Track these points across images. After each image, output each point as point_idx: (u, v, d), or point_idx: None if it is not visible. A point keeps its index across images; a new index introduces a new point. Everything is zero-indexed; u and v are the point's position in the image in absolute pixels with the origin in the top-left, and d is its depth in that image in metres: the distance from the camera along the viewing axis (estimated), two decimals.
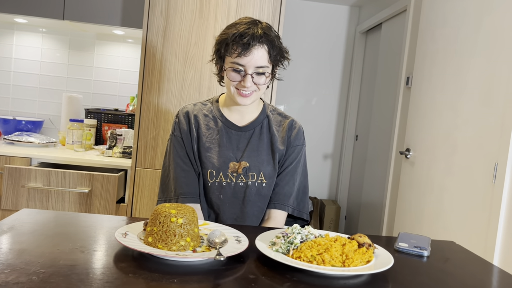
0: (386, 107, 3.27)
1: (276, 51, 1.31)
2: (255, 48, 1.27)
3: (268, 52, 1.29)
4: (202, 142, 1.40)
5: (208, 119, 1.43)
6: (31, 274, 0.77)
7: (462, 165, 2.00)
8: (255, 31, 1.27)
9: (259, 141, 1.42)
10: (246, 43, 1.25)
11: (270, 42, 1.29)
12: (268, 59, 1.30)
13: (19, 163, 2.29)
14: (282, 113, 1.50)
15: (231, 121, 1.42)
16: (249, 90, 1.31)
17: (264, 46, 1.28)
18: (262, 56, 1.28)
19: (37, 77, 2.98)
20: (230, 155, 1.39)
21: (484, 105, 1.88)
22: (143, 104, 2.20)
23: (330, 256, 0.91)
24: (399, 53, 3.05)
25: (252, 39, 1.26)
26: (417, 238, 1.20)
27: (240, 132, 1.42)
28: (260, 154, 1.40)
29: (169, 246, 0.94)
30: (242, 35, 1.26)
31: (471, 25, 2.02)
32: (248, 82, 1.29)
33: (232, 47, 1.28)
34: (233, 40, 1.27)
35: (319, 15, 4.08)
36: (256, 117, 1.44)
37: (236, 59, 1.28)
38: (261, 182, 1.39)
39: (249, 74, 1.29)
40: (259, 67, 1.29)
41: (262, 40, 1.27)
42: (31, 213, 1.17)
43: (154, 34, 2.17)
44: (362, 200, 3.70)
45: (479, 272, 1.05)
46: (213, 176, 1.38)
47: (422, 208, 2.32)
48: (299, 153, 1.46)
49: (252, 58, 1.27)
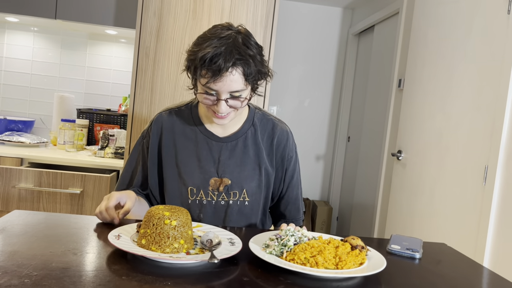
0: (378, 109, 3.29)
1: (254, 71, 1.14)
2: (228, 73, 1.10)
3: (243, 74, 1.12)
4: (180, 157, 1.29)
5: (185, 129, 1.31)
6: (23, 276, 0.77)
7: (453, 167, 2.02)
8: (228, 51, 1.09)
9: (243, 154, 1.29)
10: (216, 69, 1.08)
11: (245, 64, 1.11)
12: (244, 82, 1.14)
13: (10, 163, 2.27)
14: (271, 119, 1.36)
15: (211, 131, 1.30)
16: (224, 113, 1.18)
17: (238, 69, 1.11)
18: (237, 80, 1.12)
19: (28, 77, 2.95)
20: (211, 170, 1.28)
21: (474, 108, 1.90)
22: (135, 104, 2.19)
23: (323, 258, 0.92)
24: (391, 55, 3.07)
25: (224, 62, 1.08)
26: (409, 240, 1.21)
27: (221, 143, 1.29)
28: (244, 170, 1.28)
29: (163, 248, 0.94)
30: (212, 59, 1.08)
31: (462, 28, 2.04)
32: (222, 107, 1.15)
33: (201, 72, 1.11)
34: (201, 64, 1.10)
35: (312, 17, 4.09)
36: (240, 127, 1.31)
37: (207, 83, 1.12)
38: (243, 201, 1.29)
39: (223, 100, 1.14)
40: (233, 91, 1.14)
41: (236, 63, 1.10)
42: (22, 215, 1.16)
43: (147, 35, 2.16)
44: (354, 201, 3.71)
45: (470, 274, 1.06)
46: (193, 194, 1.28)
47: (413, 210, 2.33)
48: (296, 163, 1.39)
49: (225, 84, 1.11)
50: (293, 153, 1.38)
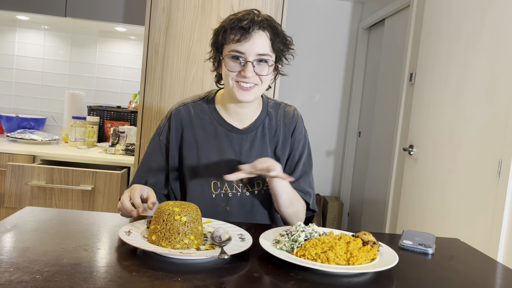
0: (389, 103, 3.26)
1: (279, 38, 1.19)
2: (256, 32, 1.15)
3: (270, 39, 1.18)
4: (201, 151, 1.28)
5: (204, 123, 1.30)
6: (34, 272, 0.77)
7: (466, 161, 1.99)
8: (255, 15, 1.17)
9: (262, 143, 1.31)
10: (245, 27, 1.14)
11: (272, 28, 1.18)
12: (271, 47, 1.18)
13: (22, 160, 2.29)
14: (283, 105, 1.38)
15: (230, 123, 1.30)
16: (250, 81, 1.18)
17: (265, 32, 1.17)
18: (264, 42, 1.17)
19: (39, 75, 2.98)
20: (234, 162, 1.27)
21: (488, 101, 1.86)
22: (145, 101, 2.19)
23: (334, 254, 0.91)
24: (402, 49, 3.03)
25: (252, 23, 1.15)
26: (422, 236, 1.19)
27: (241, 135, 1.30)
28: None
29: (173, 244, 0.94)
30: (241, 20, 1.15)
31: (474, 20, 2.00)
32: (249, 71, 1.16)
33: (231, 33, 1.16)
34: (231, 25, 1.16)
35: (322, 11, 4.06)
36: (257, 117, 1.32)
37: (235, 46, 1.16)
38: (267, 189, 1.30)
39: (250, 62, 1.16)
40: (260, 54, 1.17)
41: (264, 25, 1.16)
42: (34, 211, 1.16)
43: (156, 31, 2.16)
44: (365, 197, 3.69)
45: (484, 269, 1.05)
46: (217, 188, 1.28)
47: (425, 205, 2.31)
48: (304, 146, 1.38)
49: (253, 44, 1.15)
50: (302, 136, 1.38)
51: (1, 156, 2.28)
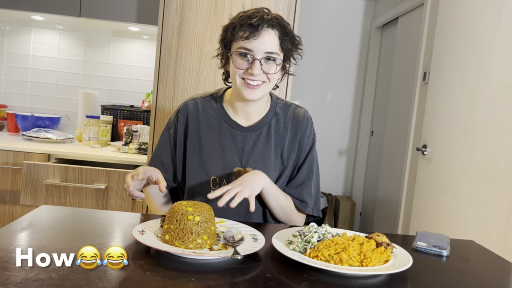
0: (403, 102, 3.23)
1: (288, 37, 1.19)
2: (265, 30, 1.16)
3: (279, 38, 1.18)
4: (203, 147, 1.29)
5: (210, 118, 1.31)
6: (50, 271, 0.78)
7: (480, 161, 1.96)
8: (264, 13, 1.18)
9: (266, 143, 1.29)
10: (255, 24, 1.15)
11: (281, 27, 1.18)
12: (279, 46, 1.19)
13: (38, 159, 2.32)
14: (293, 106, 1.36)
15: (236, 121, 1.30)
16: (257, 79, 1.18)
17: (274, 30, 1.17)
18: (273, 41, 1.17)
19: (54, 74, 3.01)
20: (234, 159, 1.27)
21: (503, 101, 1.84)
22: (158, 100, 2.20)
23: (348, 255, 0.90)
24: (416, 48, 3.00)
25: (261, 20, 1.15)
26: (436, 237, 1.18)
27: (245, 133, 1.29)
28: (267, 159, 1.28)
29: (186, 244, 0.94)
30: (251, 17, 1.16)
31: (490, 18, 1.97)
32: (256, 69, 1.16)
33: (240, 30, 1.17)
34: (241, 22, 1.17)
35: (334, 9, 4.04)
36: (264, 116, 1.31)
37: (243, 43, 1.17)
38: None
39: (258, 60, 1.16)
40: (269, 52, 1.17)
41: (273, 23, 1.17)
42: (49, 210, 1.18)
43: (169, 31, 2.17)
44: (378, 197, 3.66)
45: (500, 272, 1.03)
46: (216, 184, 1.28)
47: (439, 206, 2.28)
48: (312, 150, 1.36)
49: (262, 42, 1.15)
50: (310, 141, 1.36)
51: (17, 154, 2.32)
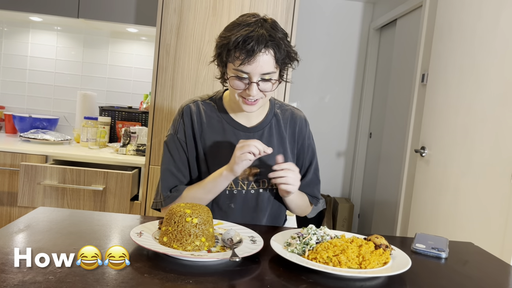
0: (401, 104, 3.23)
1: (283, 54, 1.18)
2: (260, 54, 1.14)
3: (274, 57, 1.17)
4: (208, 148, 1.30)
5: (212, 120, 1.32)
6: (47, 273, 0.78)
7: (479, 163, 1.96)
8: (259, 33, 1.13)
9: (269, 143, 1.32)
10: (250, 49, 1.12)
11: (276, 46, 1.16)
12: (275, 64, 1.18)
13: (35, 160, 2.31)
14: (290, 108, 1.41)
15: (238, 121, 1.33)
16: (255, 98, 1.20)
17: (270, 51, 1.15)
18: (268, 61, 1.16)
19: (52, 75, 3.00)
20: None
21: (501, 104, 1.84)
22: (156, 101, 2.20)
23: (346, 257, 0.90)
24: (414, 50, 3.00)
25: (257, 44, 1.12)
26: (435, 239, 1.18)
27: (248, 133, 1.32)
28: (271, 158, 1.30)
29: (184, 246, 0.94)
30: (246, 41, 1.13)
31: (488, 21, 1.98)
32: (254, 90, 1.17)
33: (235, 54, 1.15)
34: (235, 46, 1.14)
35: (333, 11, 4.04)
36: (264, 117, 1.35)
37: (239, 67, 1.16)
38: (272, 188, 1.33)
39: (254, 83, 1.17)
40: (265, 73, 1.17)
41: (268, 45, 1.14)
42: (47, 212, 1.17)
43: (168, 32, 2.16)
44: (376, 199, 3.66)
45: (498, 274, 1.03)
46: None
47: (437, 208, 2.28)
48: (314, 150, 1.43)
49: (258, 65, 1.15)
50: (311, 141, 1.44)
51: (15, 156, 2.31)
